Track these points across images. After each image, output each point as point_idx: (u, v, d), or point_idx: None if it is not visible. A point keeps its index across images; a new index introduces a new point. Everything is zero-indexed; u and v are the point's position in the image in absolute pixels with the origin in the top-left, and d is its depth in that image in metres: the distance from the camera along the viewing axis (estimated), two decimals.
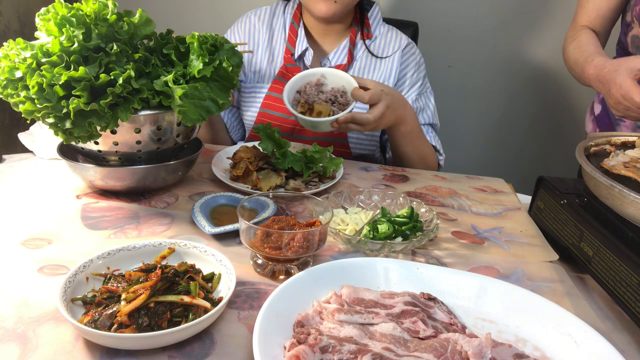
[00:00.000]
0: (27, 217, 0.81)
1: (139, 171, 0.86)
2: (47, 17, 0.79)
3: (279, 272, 0.69)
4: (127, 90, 0.77)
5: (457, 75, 2.08)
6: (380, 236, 0.77)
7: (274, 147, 1.02)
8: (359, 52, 1.32)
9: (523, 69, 2.04)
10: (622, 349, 0.61)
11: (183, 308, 0.57)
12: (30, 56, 0.76)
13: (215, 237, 0.79)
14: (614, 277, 0.67)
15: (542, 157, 2.18)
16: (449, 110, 2.10)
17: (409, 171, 1.17)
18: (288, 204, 0.83)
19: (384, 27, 1.35)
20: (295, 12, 1.32)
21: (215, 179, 0.99)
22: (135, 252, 0.66)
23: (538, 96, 2.08)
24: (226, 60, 0.86)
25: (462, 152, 2.21)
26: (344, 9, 1.21)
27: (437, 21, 1.98)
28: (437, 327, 0.59)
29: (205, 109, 0.84)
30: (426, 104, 1.35)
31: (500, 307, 0.63)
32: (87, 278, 0.61)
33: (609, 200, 0.72)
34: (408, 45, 1.34)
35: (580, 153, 0.80)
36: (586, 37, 1.17)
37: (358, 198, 0.91)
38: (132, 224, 0.82)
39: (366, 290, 0.64)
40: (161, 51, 0.87)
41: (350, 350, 0.52)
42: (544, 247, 0.84)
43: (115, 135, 0.82)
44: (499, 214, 0.97)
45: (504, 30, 1.99)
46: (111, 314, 0.55)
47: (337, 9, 1.19)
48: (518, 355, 0.54)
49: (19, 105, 0.76)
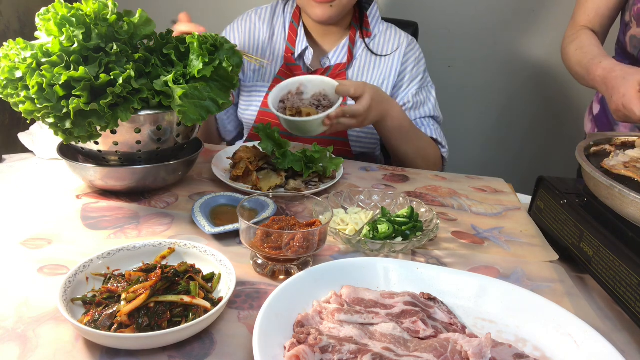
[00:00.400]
0: (27, 217, 0.81)
1: (139, 171, 0.86)
2: (47, 17, 0.79)
3: (279, 272, 0.69)
4: (127, 90, 0.77)
5: (456, 74, 2.08)
6: (380, 236, 0.77)
7: (274, 147, 1.02)
8: (358, 50, 1.32)
9: (523, 68, 2.04)
10: (622, 349, 0.61)
11: (183, 308, 0.57)
12: (30, 56, 0.76)
13: (215, 237, 0.79)
14: (614, 277, 0.67)
15: (542, 157, 2.18)
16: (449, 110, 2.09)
17: (409, 171, 1.17)
18: (288, 204, 0.83)
19: (383, 25, 1.36)
20: (294, 11, 1.33)
21: (215, 179, 0.99)
22: (135, 252, 0.66)
23: (538, 95, 2.08)
24: (226, 60, 0.86)
25: (462, 152, 2.21)
26: (341, 12, 1.21)
27: (437, 20, 1.98)
28: (437, 327, 0.59)
29: (205, 109, 0.84)
30: (427, 97, 1.35)
31: (500, 307, 0.63)
32: (87, 278, 0.61)
33: (609, 200, 0.72)
34: (409, 41, 1.35)
35: (580, 153, 0.80)
36: (587, 38, 1.16)
37: (358, 198, 0.91)
38: (132, 224, 0.82)
39: (366, 290, 0.64)
40: (161, 51, 0.87)
41: (350, 350, 0.52)
42: (544, 247, 0.84)
43: (115, 135, 0.82)
44: (499, 214, 0.97)
45: (504, 29, 1.99)
46: (111, 314, 0.55)
47: (334, 12, 1.19)
48: (518, 355, 0.54)
49: (19, 105, 0.76)
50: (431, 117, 1.35)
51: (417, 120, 1.33)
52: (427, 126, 1.32)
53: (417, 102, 1.32)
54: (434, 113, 1.35)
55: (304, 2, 1.22)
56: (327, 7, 1.18)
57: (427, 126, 1.32)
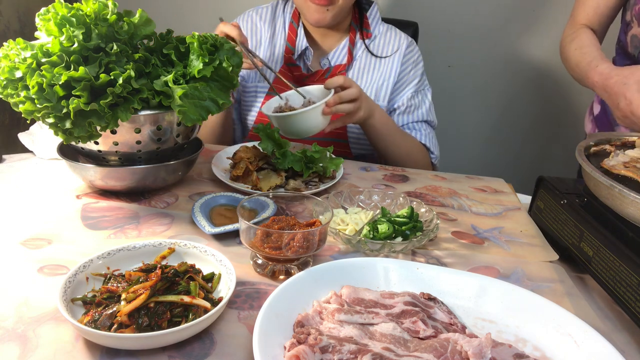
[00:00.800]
0: (27, 217, 0.81)
1: (139, 171, 0.86)
2: (47, 17, 0.79)
3: (279, 272, 0.69)
4: (127, 90, 0.77)
5: (457, 74, 2.08)
6: (380, 236, 0.77)
7: (274, 147, 1.01)
8: (358, 51, 1.32)
9: (523, 68, 2.04)
10: (622, 349, 0.61)
11: (183, 308, 0.57)
12: (30, 56, 0.76)
13: (215, 237, 0.79)
14: (614, 277, 0.67)
15: (542, 157, 2.18)
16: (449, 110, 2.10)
17: (408, 171, 1.17)
18: (288, 204, 0.83)
19: (383, 27, 1.35)
20: (294, 11, 1.32)
21: (215, 179, 0.99)
22: (135, 252, 0.66)
23: (538, 96, 2.08)
24: (226, 60, 0.86)
25: (462, 152, 2.21)
26: (337, 16, 1.21)
27: (437, 21, 1.98)
28: (437, 327, 0.59)
29: (205, 109, 0.84)
30: (422, 101, 1.35)
31: (500, 307, 0.63)
32: (87, 278, 0.61)
33: (609, 200, 0.72)
34: (409, 43, 1.34)
35: (580, 153, 0.80)
36: (587, 38, 1.16)
37: (358, 198, 0.91)
38: (132, 224, 0.82)
39: (366, 290, 0.64)
40: (161, 51, 0.87)
41: (350, 350, 0.52)
42: (544, 247, 0.84)
43: (115, 135, 0.82)
44: (499, 214, 0.97)
45: (504, 29, 1.99)
46: (111, 314, 0.55)
47: (330, 17, 1.20)
48: (518, 355, 0.54)
49: (19, 105, 0.76)
50: (424, 121, 1.34)
51: (409, 124, 1.33)
52: (419, 131, 1.31)
53: (411, 105, 1.32)
54: (427, 117, 1.34)
55: (301, 4, 1.22)
56: (323, 11, 1.18)
57: (418, 130, 1.31)
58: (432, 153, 1.32)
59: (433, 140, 1.33)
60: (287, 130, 1.05)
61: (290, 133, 1.06)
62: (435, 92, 1.40)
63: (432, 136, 1.34)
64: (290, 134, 1.06)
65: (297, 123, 1.03)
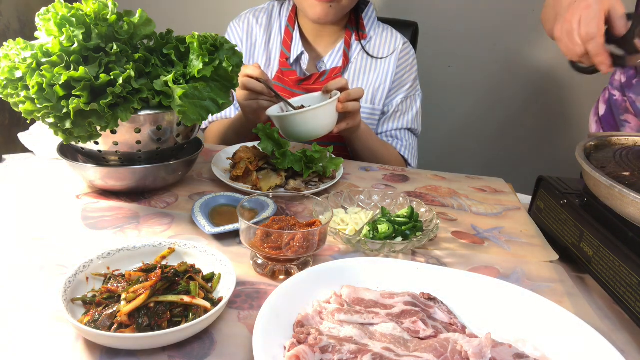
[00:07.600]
0: (27, 217, 0.81)
1: (139, 171, 0.86)
2: (47, 17, 0.79)
3: (279, 272, 0.69)
4: (127, 90, 0.77)
5: (456, 74, 2.08)
6: (380, 236, 0.77)
7: (274, 147, 1.01)
8: (354, 53, 1.32)
9: (523, 68, 2.04)
10: (622, 349, 0.61)
11: (183, 308, 0.57)
12: (30, 56, 0.76)
13: (215, 237, 0.79)
14: (614, 277, 0.67)
15: (542, 157, 2.18)
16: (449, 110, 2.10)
17: (409, 171, 1.17)
18: (288, 204, 0.83)
19: (379, 27, 1.35)
20: (290, 14, 1.32)
21: (215, 179, 0.99)
22: (135, 252, 0.66)
23: (538, 95, 2.08)
24: (226, 60, 0.86)
25: (462, 152, 2.21)
26: (340, 13, 1.21)
27: (437, 20, 1.98)
28: (437, 327, 0.59)
29: (205, 109, 0.84)
30: (410, 107, 1.34)
31: (500, 307, 0.63)
32: (87, 278, 0.61)
33: (609, 200, 0.72)
34: (404, 45, 1.34)
35: (580, 153, 0.80)
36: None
37: (358, 198, 0.91)
38: (132, 224, 0.82)
39: (366, 290, 0.64)
40: (161, 51, 0.87)
41: (350, 350, 0.52)
42: (544, 247, 0.84)
43: (115, 135, 0.82)
44: (499, 214, 0.97)
45: (504, 29, 1.99)
46: (111, 314, 0.55)
47: (333, 13, 1.19)
48: (518, 355, 0.54)
49: (19, 105, 0.76)
50: (408, 129, 1.34)
51: (393, 131, 1.32)
52: (400, 140, 1.31)
53: (398, 111, 1.31)
54: (411, 125, 1.33)
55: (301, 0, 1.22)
56: (326, 7, 1.18)
57: (400, 140, 1.31)
58: (410, 165, 1.33)
59: (413, 151, 1.33)
60: (297, 130, 1.02)
61: (300, 133, 1.03)
62: (435, 92, 1.40)
63: (413, 146, 1.33)
64: (300, 134, 1.03)
65: (311, 120, 1.01)
